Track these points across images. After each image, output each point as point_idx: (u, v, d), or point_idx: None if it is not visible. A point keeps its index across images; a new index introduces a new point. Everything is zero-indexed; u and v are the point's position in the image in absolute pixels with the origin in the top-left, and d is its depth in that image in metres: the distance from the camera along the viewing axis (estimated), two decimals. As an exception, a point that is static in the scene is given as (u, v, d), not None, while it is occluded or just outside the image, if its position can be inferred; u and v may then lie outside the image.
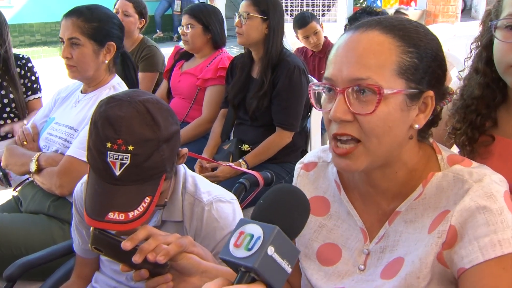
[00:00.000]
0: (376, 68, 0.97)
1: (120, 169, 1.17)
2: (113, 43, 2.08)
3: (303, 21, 4.00)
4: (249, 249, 0.80)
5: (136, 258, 1.08)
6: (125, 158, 1.17)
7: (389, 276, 1.05)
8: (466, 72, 1.43)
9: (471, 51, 1.40)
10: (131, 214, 1.16)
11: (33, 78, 2.91)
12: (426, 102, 1.02)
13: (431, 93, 1.02)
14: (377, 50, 0.98)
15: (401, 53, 0.98)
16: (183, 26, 3.09)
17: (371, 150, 1.01)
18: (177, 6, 11.51)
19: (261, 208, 0.87)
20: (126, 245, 1.08)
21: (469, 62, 1.41)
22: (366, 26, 1.02)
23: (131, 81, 2.23)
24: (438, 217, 1.03)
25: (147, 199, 1.20)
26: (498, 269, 0.97)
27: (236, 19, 2.67)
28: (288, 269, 0.81)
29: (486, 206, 0.98)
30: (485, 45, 1.34)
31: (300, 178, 1.26)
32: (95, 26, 2.01)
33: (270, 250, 0.79)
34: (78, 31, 1.99)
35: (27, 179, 2.18)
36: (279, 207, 0.86)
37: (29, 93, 2.89)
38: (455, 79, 1.54)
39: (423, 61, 1.00)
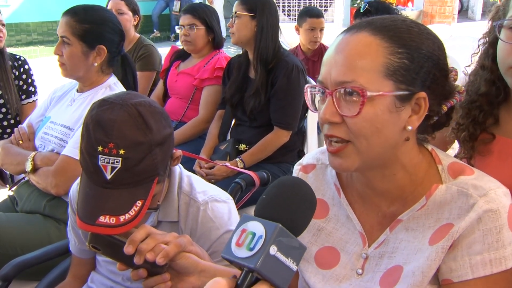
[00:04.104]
0: (361, 70, 0.96)
1: (111, 173, 1.17)
2: (104, 47, 2.05)
3: (318, 12, 3.97)
4: (251, 249, 0.77)
5: (137, 260, 1.07)
6: (116, 162, 1.16)
7: (388, 285, 1.05)
8: (472, 67, 1.42)
9: (478, 47, 1.39)
10: (122, 218, 1.16)
11: (29, 80, 2.88)
12: (419, 104, 0.99)
13: (423, 94, 0.98)
14: (363, 52, 0.97)
15: (389, 54, 0.96)
16: (184, 26, 3.05)
17: (361, 150, 1.00)
18: (176, 6, 11.42)
19: (264, 203, 0.84)
20: (128, 250, 1.07)
21: (476, 58, 1.40)
22: (357, 28, 1.01)
23: (127, 85, 2.22)
24: (440, 229, 1.02)
25: (139, 203, 1.19)
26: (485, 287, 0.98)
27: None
28: (293, 267, 0.79)
29: (487, 223, 0.98)
30: (492, 42, 1.32)
31: None
32: (86, 28, 2.00)
33: (273, 250, 0.76)
34: (69, 31, 1.99)
35: (23, 178, 2.17)
36: (282, 202, 0.83)
37: (24, 96, 2.86)
38: (460, 75, 1.53)
39: (415, 61, 0.97)
